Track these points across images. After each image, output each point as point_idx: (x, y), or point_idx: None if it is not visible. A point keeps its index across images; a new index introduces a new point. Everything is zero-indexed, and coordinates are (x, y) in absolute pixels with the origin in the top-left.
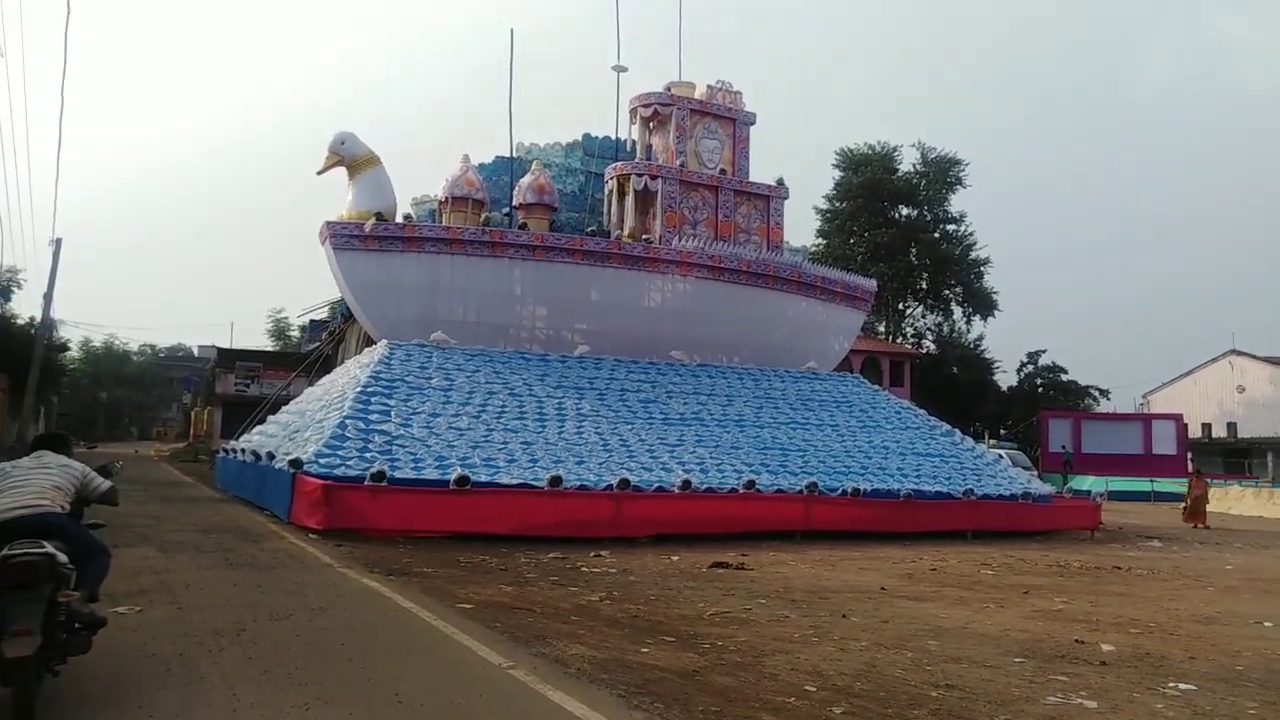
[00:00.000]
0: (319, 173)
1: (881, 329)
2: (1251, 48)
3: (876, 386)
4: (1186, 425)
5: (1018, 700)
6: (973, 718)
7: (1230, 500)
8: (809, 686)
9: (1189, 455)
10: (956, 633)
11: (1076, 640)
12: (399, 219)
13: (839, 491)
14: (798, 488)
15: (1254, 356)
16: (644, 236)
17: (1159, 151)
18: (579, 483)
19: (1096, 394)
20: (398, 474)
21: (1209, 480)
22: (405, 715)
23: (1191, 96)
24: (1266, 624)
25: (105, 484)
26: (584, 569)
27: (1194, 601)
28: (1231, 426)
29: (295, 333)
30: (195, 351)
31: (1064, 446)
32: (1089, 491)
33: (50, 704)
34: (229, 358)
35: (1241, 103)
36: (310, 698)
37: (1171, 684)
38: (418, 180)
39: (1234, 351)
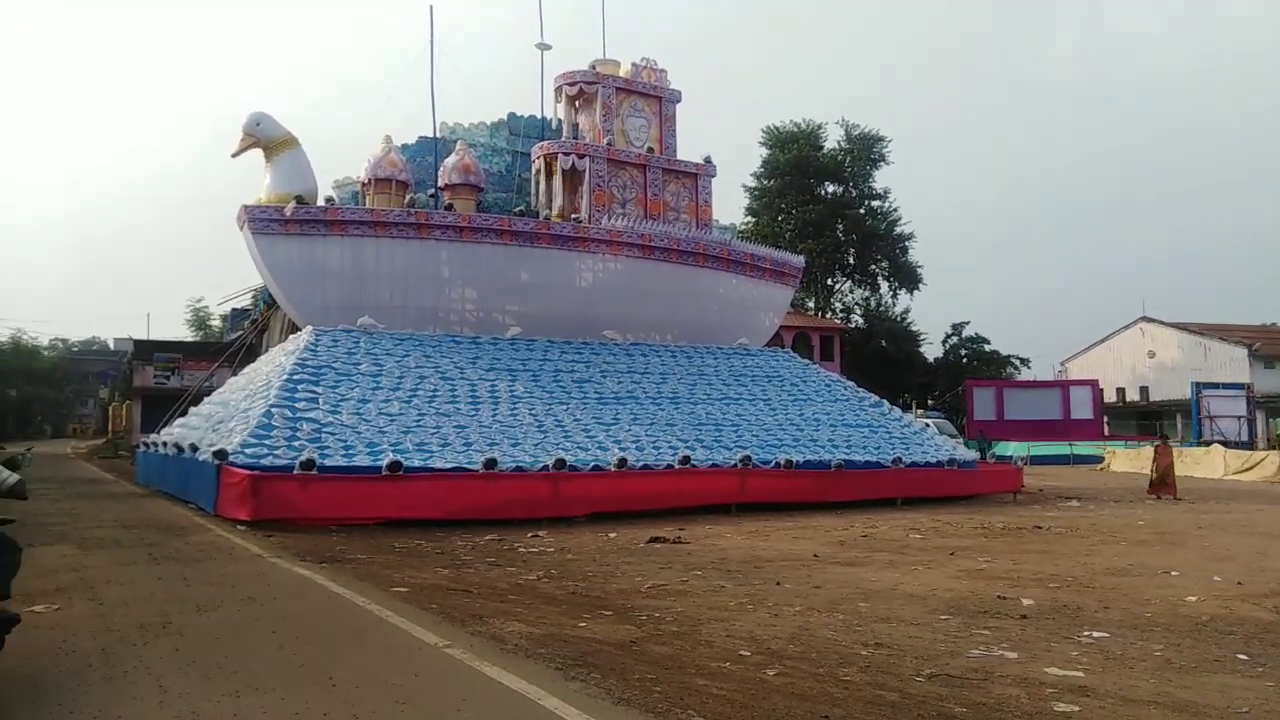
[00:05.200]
0: (234, 155)
1: (811, 305)
2: (1156, 32)
3: (807, 361)
4: (1102, 390)
5: (943, 654)
6: (900, 672)
7: (1143, 460)
8: (744, 651)
9: (1105, 419)
10: (886, 594)
11: (999, 596)
12: (320, 202)
13: (772, 464)
14: (732, 461)
15: (1163, 323)
16: (573, 216)
17: (1071, 132)
18: (514, 464)
19: (1018, 362)
20: (328, 462)
21: (1174, 446)
22: (339, 698)
23: (1096, 79)
24: (1173, 573)
25: (13, 477)
26: (521, 549)
27: (1108, 556)
28: (1144, 390)
29: (216, 322)
30: (111, 344)
31: (981, 434)
32: (1011, 456)
33: None
34: (146, 350)
35: (1146, 86)
36: (241, 685)
37: (1086, 632)
38: (338, 163)
39: (1145, 319)
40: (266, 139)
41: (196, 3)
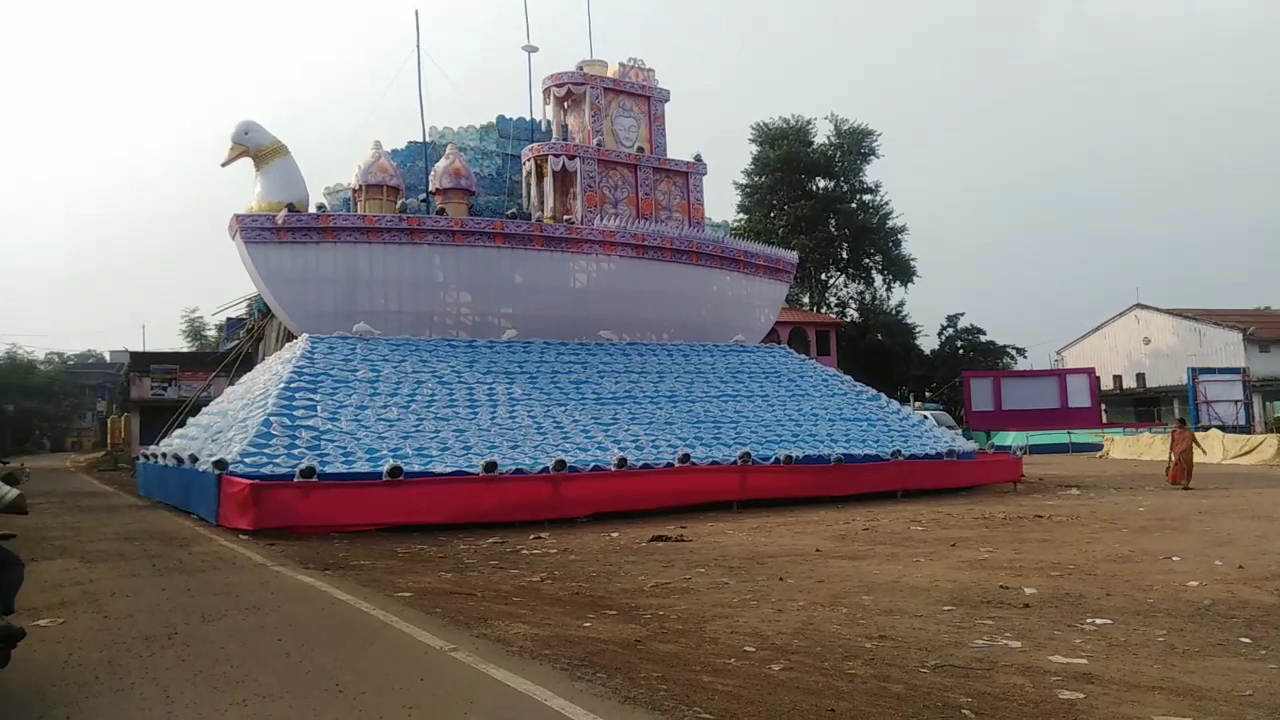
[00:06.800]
0: (223, 164)
1: (806, 300)
2: (1142, 17)
3: (803, 356)
4: (1099, 378)
5: (947, 645)
6: (905, 664)
7: (1141, 446)
8: (748, 647)
9: (1102, 407)
10: (889, 587)
11: (1001, 586)
12: (312, 209)
13: (772, 460)
14: (732, 458)
15: (1157, 309)
16: (565, 217)
17: (1061, 121)
18: (515, 467)
19: (1014, 353)
20: (328, 469)
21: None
22: (346, 704)
23: (1083, 65)
24: (1175, 559)
25: (12, 492)
26: (524, 551)
27: (1109, 543)
28: (1140, 377)
29: (212, 332)
30: (107, 357)
31: (968, 426)
32: (1010, 446)
33: None
34: (143, 361)
35: (1135, 72)
36: (248, 694)
37: (1089, 620)
38: (329, 170)
39: (1139, 305)
40: (256, 147)
41: (186, 14)
